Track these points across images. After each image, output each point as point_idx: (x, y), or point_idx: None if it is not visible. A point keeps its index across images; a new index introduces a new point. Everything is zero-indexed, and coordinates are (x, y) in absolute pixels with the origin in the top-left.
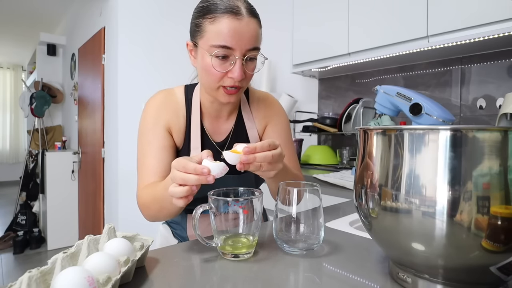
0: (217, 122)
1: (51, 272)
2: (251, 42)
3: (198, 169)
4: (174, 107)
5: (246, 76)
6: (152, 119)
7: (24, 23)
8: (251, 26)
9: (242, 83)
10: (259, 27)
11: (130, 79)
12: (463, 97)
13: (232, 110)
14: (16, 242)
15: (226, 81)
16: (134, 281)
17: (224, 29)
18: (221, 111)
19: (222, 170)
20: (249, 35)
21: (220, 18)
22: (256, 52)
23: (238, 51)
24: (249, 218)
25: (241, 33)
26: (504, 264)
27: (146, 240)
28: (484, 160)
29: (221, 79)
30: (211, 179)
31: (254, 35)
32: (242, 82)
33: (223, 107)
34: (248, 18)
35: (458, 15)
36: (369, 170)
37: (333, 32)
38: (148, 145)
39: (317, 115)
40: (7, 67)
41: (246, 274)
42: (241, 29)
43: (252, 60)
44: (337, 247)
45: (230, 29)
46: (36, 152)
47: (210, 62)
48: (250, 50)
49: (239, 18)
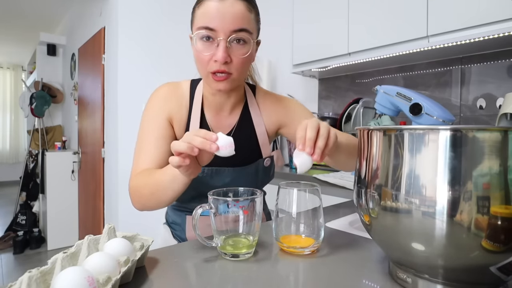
0: (220, 116)
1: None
2: (235, 23)
3: (208, 135)
4: (178, 98)
5: (233, 61)
6: (155, 109)
7: (24, 23)
8: (236, 7)
9: (230, 69)
10: (248, 11)
11: (130, 79)
12: (463, 97)
13: (236, 103)
14: (16, 242)
15: (212, 66)
16: (134, 281)
17: (207, 11)
18: (223, 104)
19: (228, 143)
20: (232, 15)
21: (205, 2)
22: (243, 34)
23: (221, 32)
24: (249, 218)
25: (224, 13)
26: (504, 264)
27: (146, 240)
28: (484, 160)
29: (207, 63)
30: (215, 147)
31: (239, 16)
32: (230, 68)
33: (225, 98)
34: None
35: (458, 15)
36: (369, 170)
37: (333, 32)
38: (148, 133)
39: (317, 115)
40: (7, 67)
41: (246, 274)
42: (223, 9)
43: (241, 44)
44: (337, 247)
45: (212, 10)
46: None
47: (197, 47)
48: (236, 31)
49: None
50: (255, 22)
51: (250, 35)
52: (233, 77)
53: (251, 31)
